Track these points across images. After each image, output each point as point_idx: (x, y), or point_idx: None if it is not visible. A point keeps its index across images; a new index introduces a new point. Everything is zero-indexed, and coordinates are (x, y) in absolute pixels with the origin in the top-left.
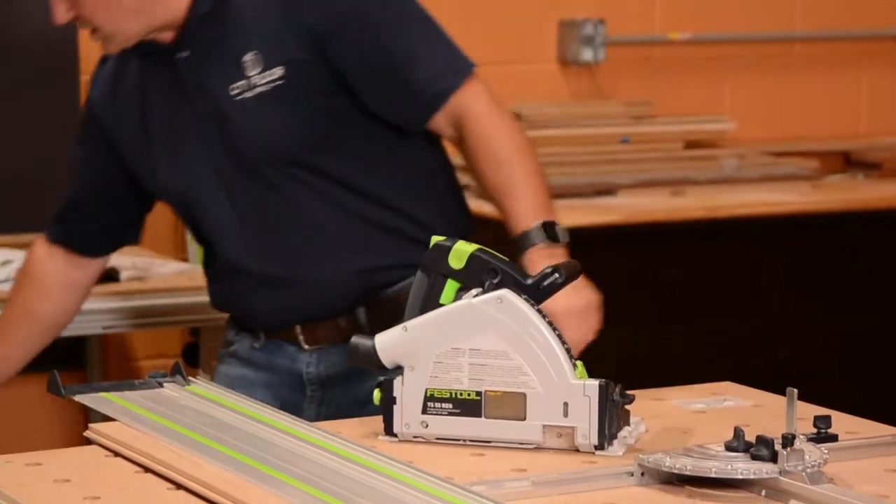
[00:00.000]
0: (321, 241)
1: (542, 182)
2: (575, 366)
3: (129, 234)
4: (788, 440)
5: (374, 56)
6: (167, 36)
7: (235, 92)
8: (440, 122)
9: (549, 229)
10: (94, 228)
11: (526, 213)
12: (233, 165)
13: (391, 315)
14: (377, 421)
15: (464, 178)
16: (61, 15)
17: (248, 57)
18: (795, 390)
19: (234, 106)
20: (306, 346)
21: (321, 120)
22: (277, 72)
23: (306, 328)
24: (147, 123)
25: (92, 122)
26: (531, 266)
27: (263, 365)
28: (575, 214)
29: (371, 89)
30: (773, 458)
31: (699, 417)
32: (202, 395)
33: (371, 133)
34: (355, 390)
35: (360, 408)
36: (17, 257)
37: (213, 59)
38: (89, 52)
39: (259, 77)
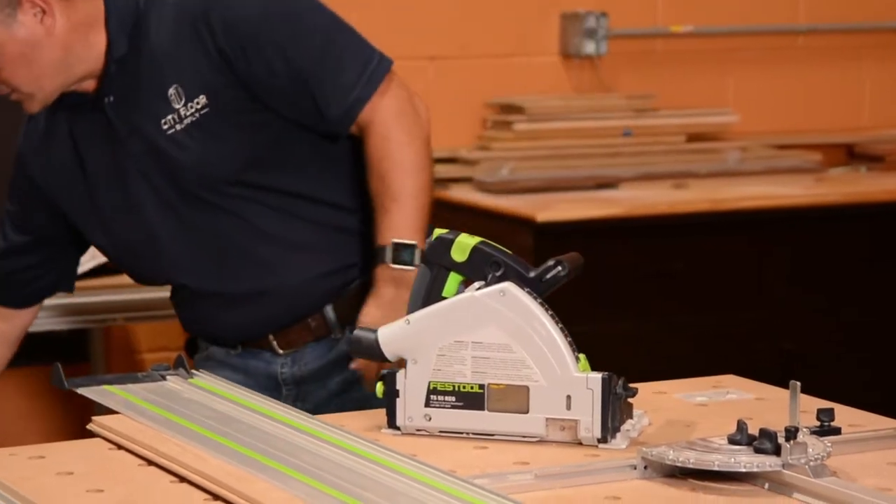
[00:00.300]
0: (282, 253)
1: (420, 201)
2: (578, 359)
3: (65, 281)
4: (792, 433)
5: (282, 72)
6: (89, 85)
7: (167, 126)
8: (353, 128)
9: (399, 250)
10: (27, 280)
11: (387, 229)
12: (179, 197)
13: (359, 308)
14: (380, 414)
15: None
16: None
17: (171, 91)
18: (798, 383)
19: (168, 140)
20: (281, 351)
21: (254, 137)
22: (201, 100)
23: (279, 335)
24: (85, 171)
25: (23, 178)
26: (374, 284)
27: (239, 367)
28: (577, 207)
29: (284, 105)
30: (777, 451)
31: (702, 410)
32: (205, 388)
33: (305, 140)
34: (329, 384)
35: (335, 398)
36: None
37: (138, 100)
38: None
39: (185, 108)
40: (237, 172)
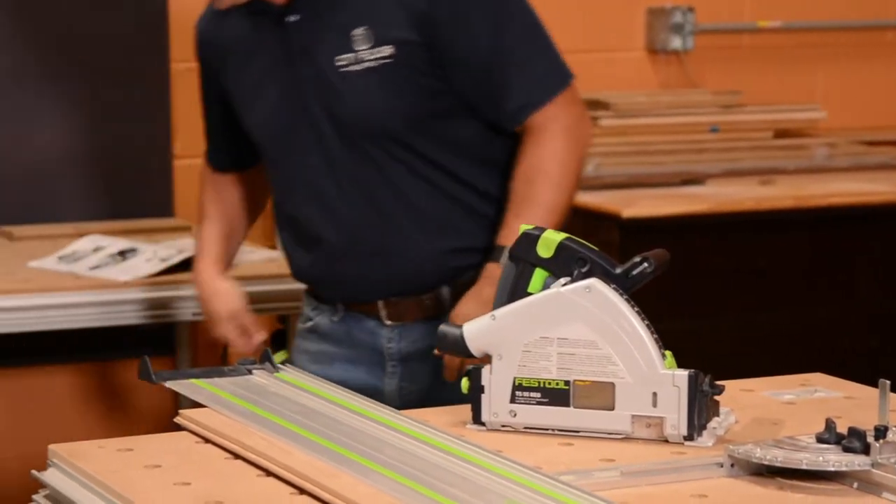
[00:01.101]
0: (412, 217)
1: (554, 218)
2: (664, 356)
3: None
4: (881, 432)
5: (476, 51)
6: None
7: (341, 63)
8: (518, 127)
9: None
10: (225, 147)
11: (511, 231)
12: (334, 133)
13: None
14: (465, 409)
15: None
16: None
17: (359, 31)
18: (888, 382)
19: (338, 77)
20: (388, 322)
21: (424, 102)
22: (386, 50)
23: (389, 303)
24: (250, 74)
25: (200, 54)
26: (478, 279)
27: (343, 340)
28: (662, 204)
29: (465, 82)
30: (866, 450)
31: (789, 409)
32: (291, 383)
33: (469, 123)
34: (438, 366)
35: (443, 385)
36: (108, 243)
37: (321, 28)
38: (179, 43)
39: (367, 52)
40: (393, 126)
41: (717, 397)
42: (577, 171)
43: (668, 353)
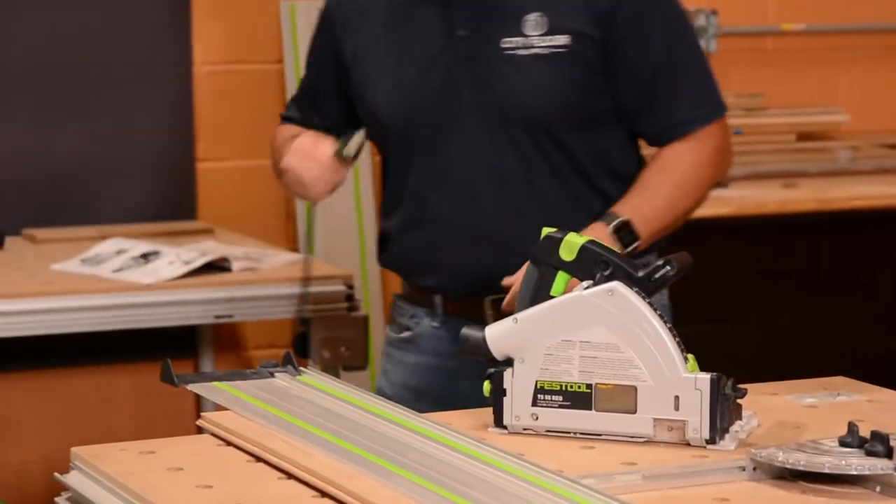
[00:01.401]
0: (542, 213)
1: (667, 220)
2: (686, 359)
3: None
4: None
5: (651, 55)
6: None
7: (507, 45)
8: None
9: (625, 227)
10: (321, 110)
11: (629, 207)
12: (481, 115)
13: None
14: (486, 413)
15: None
16: None
17: (532, 16)
18: None
19: (502, 59)
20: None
21: (585, 97)
22: (562, 39)
23: (497, 302)
24: (391, 44)
25: (326, 20)
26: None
27: (445, 352)
28: None
29: (627, 86)
30: (889, 453)
31: (812, 412)
32: (313, 386)
33: (616, 128)
34: None
35: None
36: (131, 246)
37: (491, 8)
38: (202, 46)
39: (539, 39)
40: (553, 121)
41: (739, 401)
42: (707, 190)
43: (690, 356)
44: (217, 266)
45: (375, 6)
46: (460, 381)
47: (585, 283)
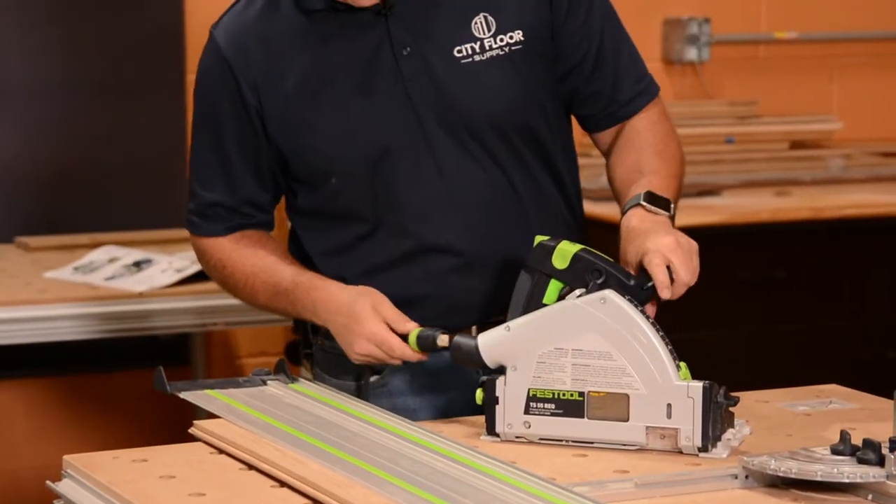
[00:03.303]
0: (524, 222)
1: (674, 182)
2: (679, 367)
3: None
4: None
5: (594, 33)
6: None
7: (462, 55)
8: (610, 131)
9: (655, 197)
10: (251, 192)
11: (642, 185)
12: (445, 132)
13: None
14: (479, 421)
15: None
16: None
17: (478, 19)
18: None
19: (459, 70)
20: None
21: (541, 90)
22: (516, 35)
23: (483, 328)
24: (312, 80)
25: (225, 71)
26: (625, 224)
27: (433, 385)
28: (679, 214)
29: (580, 69)
30: (881, 461)
31: (804, 420)
32: (306, 393)
33: (565, 119)
34: None
35: None
36: (123, 254)
37: (432, 19)
38: (195, 54)
39: (492, 40)
40: (520, 117)
41: (731, 408)
42: (680, 151)
43: (682, 364)
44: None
45: (284, 49)
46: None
47: (578, 291)
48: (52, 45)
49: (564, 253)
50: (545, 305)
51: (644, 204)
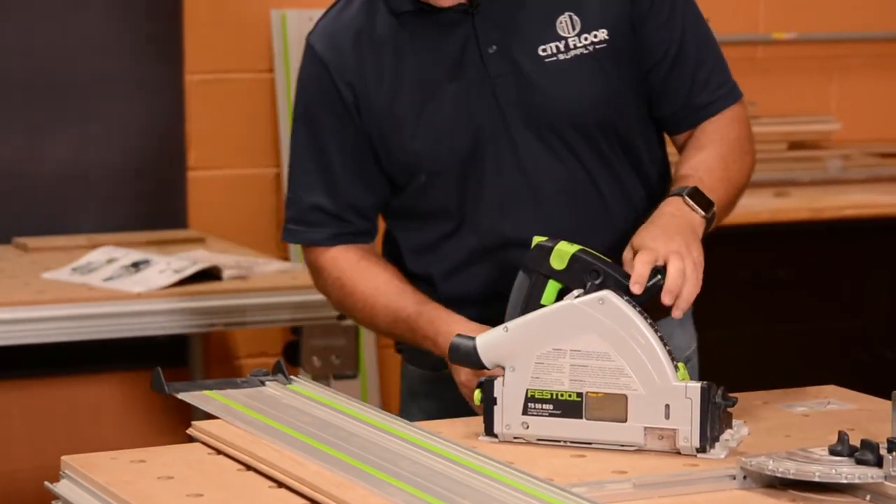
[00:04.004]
0: (606, 219)
1: (730, 187)
2: (677, 368)
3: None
4: (894, 444)
5: (676, 33)
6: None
7: (546, 54)
8: (686, 134)
9: (698, 193)
10: (362, 198)
11: (689, 179)
12: (528, 130)
13: None
14: (477, 421)
15: None
16: None
17: (563, 18)
18: None
19: (544, 69)
20: None
21: (625, 88)
22: (601, 34)
23: None
24: (402, 79)
25: (328, 80)
26: (658, 209)
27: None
28: None
29: (659, 68)
30: (879, 462)
31: (802, 421)
32: (304, 394)
33: (650, 118)
34: None
35: None
36: (122, 255)
37: (517, 17)
38: (193, 54)
39: (577, 39)
40: (607, 119)
41: (729, 409)
42: (750, 165)
43: (680, 364)
44: (208, 275)
45: (377, 54)
46: None
47: (576, 292)
48: (51, 43)
49: (562, 253)
50: (543, 306)
51: (685, 197)
